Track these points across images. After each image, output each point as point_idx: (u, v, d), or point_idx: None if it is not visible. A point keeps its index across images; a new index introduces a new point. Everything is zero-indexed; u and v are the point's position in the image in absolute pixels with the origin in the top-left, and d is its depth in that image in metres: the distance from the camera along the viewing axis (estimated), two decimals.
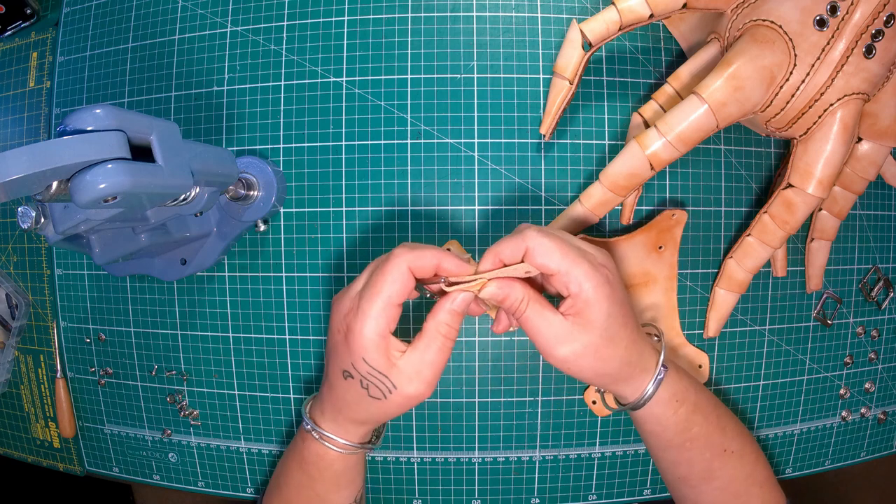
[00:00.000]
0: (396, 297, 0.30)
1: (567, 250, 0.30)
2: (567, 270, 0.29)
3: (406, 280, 0.30)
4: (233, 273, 0.46)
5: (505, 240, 0.31)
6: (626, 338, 0.31)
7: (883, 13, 0.32)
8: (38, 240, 0.51)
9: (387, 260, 0.30)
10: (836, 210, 0.42)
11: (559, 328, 0.30)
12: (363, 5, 0.44)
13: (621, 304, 0.31)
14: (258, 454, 0.47)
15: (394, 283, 0.30)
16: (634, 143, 0.36)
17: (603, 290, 0.30)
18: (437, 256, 0.30)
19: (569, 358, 0.31)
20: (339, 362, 0.31)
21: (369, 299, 0.30)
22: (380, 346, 0.30)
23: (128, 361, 0.49)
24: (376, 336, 0.30)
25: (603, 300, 0.30)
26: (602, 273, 0.30)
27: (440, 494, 0.45)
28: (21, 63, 0.52)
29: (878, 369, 0.49)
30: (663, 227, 0.43)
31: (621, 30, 0.36)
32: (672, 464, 0.36)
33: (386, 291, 0.30)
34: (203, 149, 0.32)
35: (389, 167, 0.44)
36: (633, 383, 0.33)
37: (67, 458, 0.52)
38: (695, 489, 0.36)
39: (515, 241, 0.30)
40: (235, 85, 0.45)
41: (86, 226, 0.30)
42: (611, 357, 0.31)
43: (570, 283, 0.30)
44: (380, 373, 0.30)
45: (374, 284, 0.30)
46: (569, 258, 0.29)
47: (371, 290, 0.30)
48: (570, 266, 0.29)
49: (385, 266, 0.30)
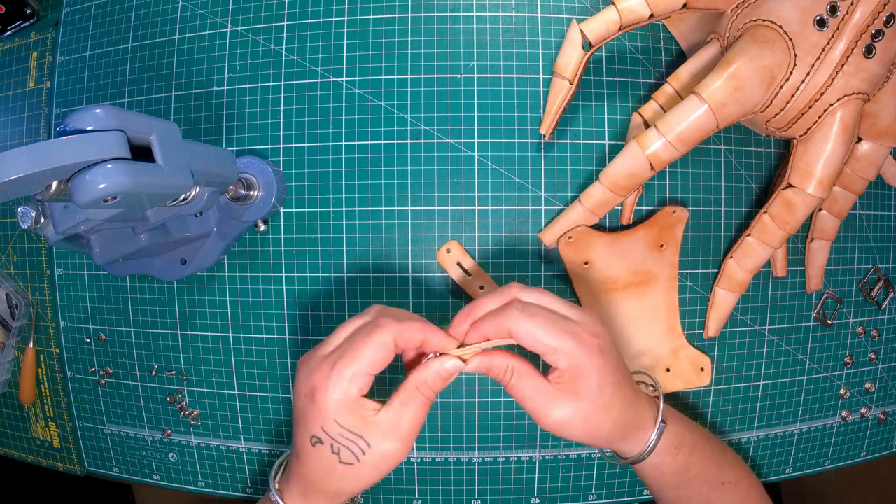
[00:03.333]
0: (375, 366, 0.28)
1: (551, 327, 0.29)
2: (554, 348, 0.29)
3: (388, 352, 0.28)
4: (233, 273, 0.46)
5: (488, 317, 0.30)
6: (620, 403, 0.31)
7: (883, 13, 0.32)
8: (38, 240, 0.51)
9: (373, 328, 0.29)
10: (836, 210, 0.42)
11: (547, 397, 0.30)
12: (363, 5, 0.44)
13: (614, 372, 0.30)
14: (258, 454, 0.47)
15: (376, 352, 0.28)
16: (634, 143, 0.36)
17: (592, 362, 0.29)
18: (423, 331, 0.29)
19: (558, 425, 0.30)
20: (307, 428, 0.29)
21: (345, 363, 0.28)
22: (353, 407, 0.28)
23: (128, 361, 0.49)
24: (348, 398, 0.28)
25: (593, 373, 0.29)
26: (592, 345, 0.29)
27: (440, 494, 0.45)
28: (21, 63, 0.52)
29: (878, 369, 0.49)
30: (664, 225, 0.43)
31: (621, 30, 0.36)
32: (671, 500, 0.36)
33: (366, 358, 0.28)
34: (203, 149, 0.32)
35: (389, 167, 0.44)
36: (629, 442, 0.33)
37: (67, 458, 0.52)
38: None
39: (497, 320, 0.29)
40: (235, 85, 0.45)
41: (86, 226, 0.30)
42: (603, 422, 0.30)
43: (558, 360, 0.29)
44: (352, 433, 0.28)
45: (354, 349, 0.28)
46: (554, 336, 0.28)
47: (349, 354, 0.28)
48: (556, 344, 0.28)
49: (371, 334, 0.28)
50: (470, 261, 0.43)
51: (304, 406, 0.29)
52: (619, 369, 0.31)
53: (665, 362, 0.44)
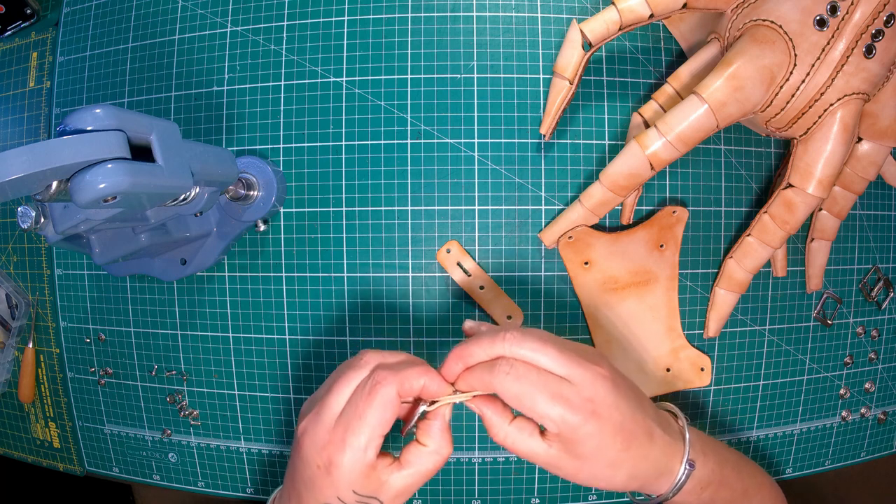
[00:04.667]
0: (385, 428, 0.27)
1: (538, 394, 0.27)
2: (541, 416, 0.27)
3: (395, 408, 0.27)
4: (233, 273, 0.46)
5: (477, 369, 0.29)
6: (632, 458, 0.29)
7: (883, 13, 0.32)
8: (38, 240, 0.51)
9: (373, 386, 0.27)
10: (836, 210, 0.42)
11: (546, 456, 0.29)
12: (363, 5, 0.44)
13: (617, 431, 0.28)
14: (258, 454, 0.47)
15: (384, 413, 0.27)
16: (634, 143, 0.36)
17: (585, 429, 0.27)
18: (422, 375, 0.28)
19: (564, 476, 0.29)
20: (320, 496, 0.28)
21: (356, 432, 0.27)
22: (369, 472, 0.27)
23: (128, 361, 0.49)
24: (365, 466, 0.27)
25: (587, 439, 0.27)
26: (584, 411, 0.27)
27: (440, 494, 0.45)
28: (21, 63, 0.52)
29: (878, 369, 0.49)
30: (664, 225, 0.43)
31: (621, 30, 0.36)
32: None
33: (376, 422, 0.27)
34: (203, 149, 0.32)
35: (389, 167, 0.44)
36: (651, 487, 0.31)
37: (67, 458, 0.52)
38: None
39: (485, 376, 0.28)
40: (235, 85, 0.45)
41: (86, 226, 0.30)
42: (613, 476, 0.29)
43: (547, 425, 0.27)
44: (370, 497, 0.28)
45: (361, 416, 0.27)
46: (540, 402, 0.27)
47: (356, 423, 0.27)
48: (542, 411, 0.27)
49: (373, 394, 0.27)
50: (470, 261, 0.43)
51: (315, 476, 0.28)
52: (623, 427, 0.28)
53: (665, 362, 0.44)
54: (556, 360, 0.28)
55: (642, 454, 0.29)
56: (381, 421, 0.27)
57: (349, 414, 0.27)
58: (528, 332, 0.29)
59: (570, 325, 0.44)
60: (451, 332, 0.44)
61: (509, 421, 0.29)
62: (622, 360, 0.44)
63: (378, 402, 0.27)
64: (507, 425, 0.29)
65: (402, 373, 0.28)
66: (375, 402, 0.27)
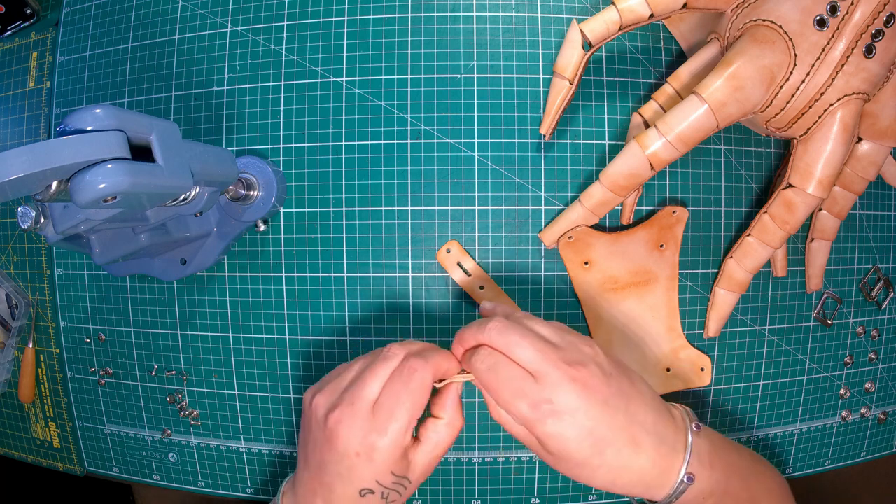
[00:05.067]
0: (420, 410, 0.30)
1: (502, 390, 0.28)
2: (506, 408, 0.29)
3: (429, 392, 0.30)
4: (233, 273, 0.46)
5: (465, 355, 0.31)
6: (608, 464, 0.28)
7: (883, 13, 0.32)
8: (38, 240, 0.51)
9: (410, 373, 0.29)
10: (836, 210, 0.42)
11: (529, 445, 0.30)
12: (363, 5, 0.44)
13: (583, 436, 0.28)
14: (258, 454, 0.47)
15: (422, 397, 0.29)
16: (634, 143, 0.36)
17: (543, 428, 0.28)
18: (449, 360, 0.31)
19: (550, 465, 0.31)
20: (357, 482, 0.29)
21: (397, 417, 0.29)
22: (403, 454, 0.30)
23: (128, 361, 0.49)
24: (402, 450, 0.29)
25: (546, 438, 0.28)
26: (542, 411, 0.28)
27: (440, 494, 0.45)
28: (21, 63, 0.52)
29: (878, 369, 0.49)
30: (664, 225, 0.43)
31: (621, 30, 0.36)
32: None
33: (416, 406, 0.29)
34: (203, 149, 0.32)
35: (389, 167, 0.44)
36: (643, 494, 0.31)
37: (67, 458, 0.52)
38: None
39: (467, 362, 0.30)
40: (235, 85, 0.45)
41: (86, 226, 0.30)
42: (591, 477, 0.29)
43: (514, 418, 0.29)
44: (401, 476, 0.30)
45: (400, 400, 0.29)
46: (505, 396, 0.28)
47: (398, 408, 0.29)
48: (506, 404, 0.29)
49: (410, 379, 0.29)
50: (470, 261, 0.43)
51: (354, 464, 0.29)
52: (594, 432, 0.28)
53: (665, 362, 0.44)
54: (531, 356, 0.28)
55: (621, 464, 0.28)
56: (420, 405, 0.29)
57: (388, 401, 0.29)
58: (514, 321, 0.30)
59: (570, 325, 0.44)
60: (451, 332, 0.44)
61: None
62: (622, 359, 0.44)
63: (415, 388, 0.29)
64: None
65: (433, 359, 0.30)
66: (413, 388, 0.29)
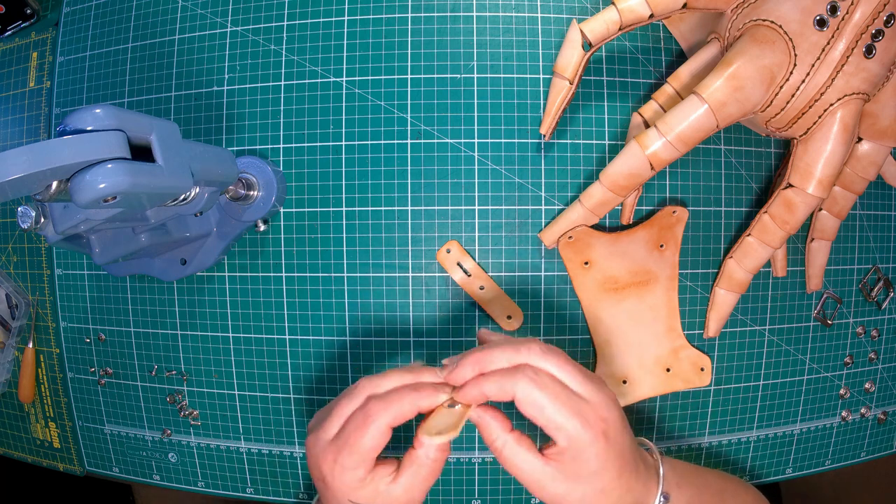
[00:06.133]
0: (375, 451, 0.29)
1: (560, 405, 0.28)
2: (557, 426, 0.28)
3: (385, 435, 0.29)
4: (233, 273, 0.46)
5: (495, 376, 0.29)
6: (619, 488, 0.29)
7: (883, 13, 0.32)
8: (38, 240, 0.51)
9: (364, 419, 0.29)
10: (836, 210, 0.42)
11: (540, 474, 0.29)
12: (363, 5, 0.44)
13: (617, 457, 0.29)
14: (258, 454, 0.47)
15: (372, 440, 0.29)
16: (634, 143, 0.36)
17: (595, 448, 0.28)
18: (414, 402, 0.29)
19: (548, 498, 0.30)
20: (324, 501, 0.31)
21: (345, 455, 0.29)
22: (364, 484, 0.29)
23: (128, 361, 0.49)
24: (355, 481, 0.29)
25: (593, 458, 0.28)
26: (597, 429, 0.28)
27: (440, 494, 0.45)
28: (21, 63, 0.52)
29: (878, 369, 0.49)
30: (664, 225, 0.43)
31: (621, 30, 0.36)
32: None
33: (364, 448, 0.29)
34: (203, 149, 0.32)
35: (389, 167, 0.44)
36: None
37: (67, 458, 0.52)
38: None
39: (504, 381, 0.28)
40: (235, 85, 0.45)
41: (86, 226, 0.30)
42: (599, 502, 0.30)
43: (559, 437, 0.28)
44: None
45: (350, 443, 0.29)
46: (561, 413, 0.28)
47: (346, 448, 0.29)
48: (561, 421, 0.28)
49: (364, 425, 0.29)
50: (470, 261, 0.43)
51: (319, 488, 0.31)
52: (623, 455, 0.29)
53: (665, 362, 0.44)
54: (576, 379, 0.29)
55: (628, 485, 0.30)
56: (369, 447, 0.29)
57: (341, 440, 0.29)
58: (552, 347, 0.30)
59: (570, 325, 0.44)
60: (450, 332, 0.44)
61: (509, 430, 0.30)
62: (622, 360, 0.44)
63: (367, 433, 0.29)
64: (507, 434, 0.29)
65: (393, 405, 0.29)
66: (365, 432, 0.29)
